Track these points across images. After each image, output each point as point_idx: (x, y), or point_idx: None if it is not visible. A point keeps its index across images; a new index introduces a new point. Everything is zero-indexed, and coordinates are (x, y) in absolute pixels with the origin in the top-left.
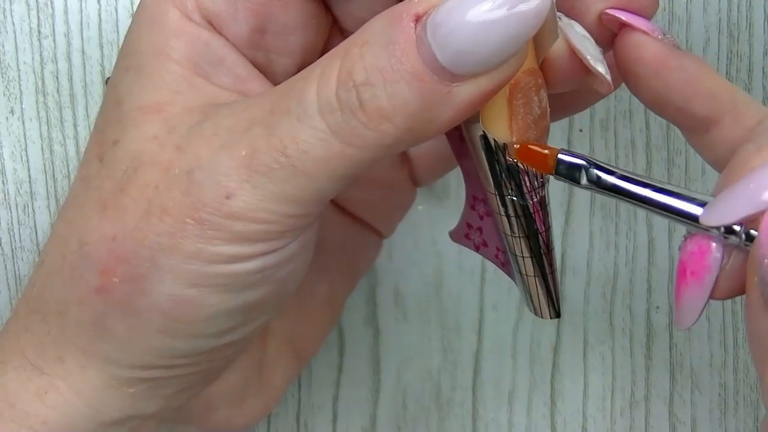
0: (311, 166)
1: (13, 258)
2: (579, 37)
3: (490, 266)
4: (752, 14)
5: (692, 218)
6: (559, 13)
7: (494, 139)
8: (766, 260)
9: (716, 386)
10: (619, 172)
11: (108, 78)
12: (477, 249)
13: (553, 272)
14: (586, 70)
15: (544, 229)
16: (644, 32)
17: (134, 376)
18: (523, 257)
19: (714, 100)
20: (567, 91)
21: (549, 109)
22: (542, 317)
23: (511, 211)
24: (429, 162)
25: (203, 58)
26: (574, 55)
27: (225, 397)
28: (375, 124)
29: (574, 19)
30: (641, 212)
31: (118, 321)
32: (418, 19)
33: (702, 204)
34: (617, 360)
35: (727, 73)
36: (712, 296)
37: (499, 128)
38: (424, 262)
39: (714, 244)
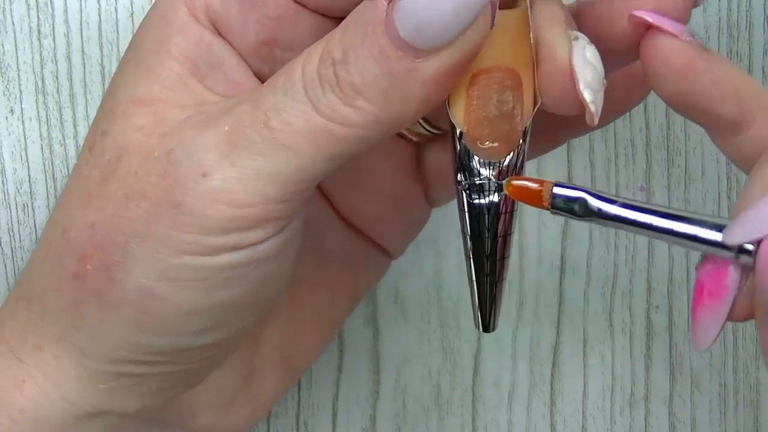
0: (293, 139)
1: (12, 258)
2: (583, 61)
3: None
4: (752, 14)
5: (703, 241)
6: (577, 33)
7: (453, 125)
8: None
9: (716, 386)
10: (620, 200)
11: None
12: None
13: (493, 282)
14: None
15: (489, 234)
16: (672, 35)
17: (107, 370)
18: (466, 256)
19: (742, 101)
20: (567, 115)
21: (520, 121)
22: (475, 326)
23: (463, 204)
24: (447, 181)
25: (202, 59)
26: (573, 78)
27: (209, 402)
28: (350, 100)
29: (608, 28)
30: None
31: (92, 310)
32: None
33: (704, 225)
34: (617, 360)
35: None
36: (729, 318)
37: (458, 114)
38: (424, 262)
39: (732, 264)
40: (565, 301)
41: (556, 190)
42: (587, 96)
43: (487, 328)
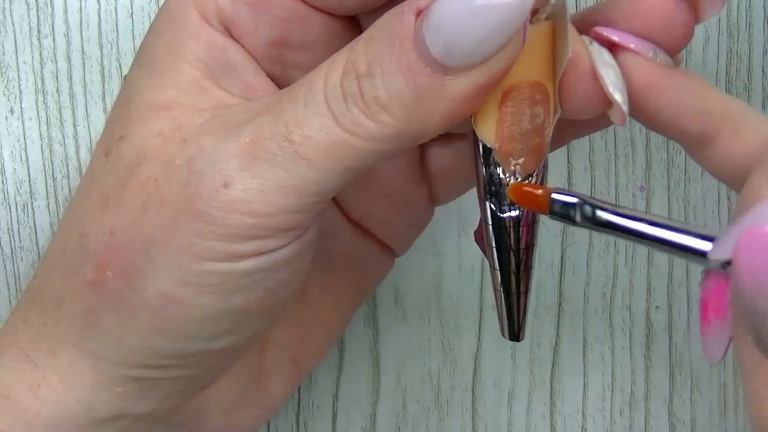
0: (314, 153)
1: (12, 258)
2: (604, 64)
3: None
4: (752, 14)
5: (693, 251)
6: (589, 38)
7: (482, 142)
8: (747, 288)
9: (716, 386)
10: (611, 208)
11: (126, 76)
12: (485, 254)
13: (519, 293)
14: (607, 99)
15: (515, 246)
16: (634, 52)
17: (123, 375)
18: (493, 269)
19: (707, 117)
20: (585, 118)
21: (548, 132)
22: (502, 335)
23: (488, 219)
24: (449, 179)
25: (216, 62)
26: (596, 80)
27: (220, 403)
28: (373, 114)
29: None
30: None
31: (110, 315)
32: (419, 13)
33: (702, 236)
34: (617, 360)
35: (726, 73)
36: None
37: (487, 131)
38: (424, 262)
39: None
40: (565, 301)
41: (555, 196)
42: (618, 97)
43: (516, 338)
